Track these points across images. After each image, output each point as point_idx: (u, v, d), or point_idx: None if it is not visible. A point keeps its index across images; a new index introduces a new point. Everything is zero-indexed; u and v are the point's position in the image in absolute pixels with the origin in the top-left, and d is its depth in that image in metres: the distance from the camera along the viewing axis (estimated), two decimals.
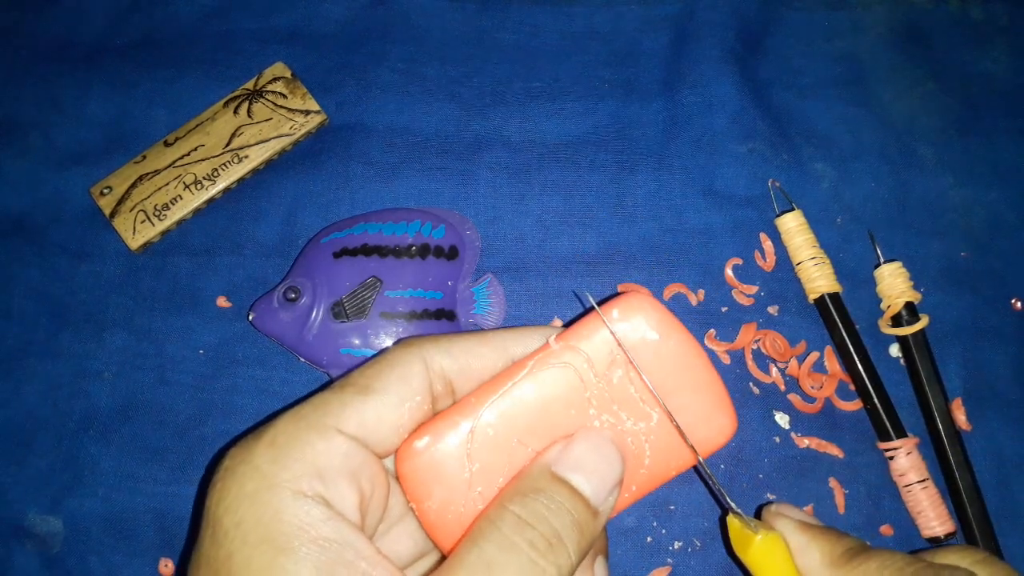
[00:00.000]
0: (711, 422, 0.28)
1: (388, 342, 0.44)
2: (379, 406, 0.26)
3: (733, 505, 0.31)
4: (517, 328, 0.30)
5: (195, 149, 0.49)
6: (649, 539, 0.44)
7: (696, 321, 0.47)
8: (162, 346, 0.48)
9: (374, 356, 0.29)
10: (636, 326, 0.27)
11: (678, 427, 0.27)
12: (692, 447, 0.27)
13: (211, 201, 0.49)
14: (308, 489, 0.24)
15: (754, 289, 0.48)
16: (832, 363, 0.47)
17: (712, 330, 0.47)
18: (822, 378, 0.47)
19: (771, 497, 0.45)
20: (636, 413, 0.27)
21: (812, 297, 0.47)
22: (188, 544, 0.45)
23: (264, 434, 0.26)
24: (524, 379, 0.28)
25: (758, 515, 0.36)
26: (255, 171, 0.50)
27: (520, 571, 0.24)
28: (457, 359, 0.28)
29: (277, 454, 0.25)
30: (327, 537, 0.23)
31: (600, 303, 0.28)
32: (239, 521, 0.24)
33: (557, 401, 0.27)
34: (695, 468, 0.30)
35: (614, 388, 0.27)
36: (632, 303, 0.28)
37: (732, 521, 0.32)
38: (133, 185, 0.49)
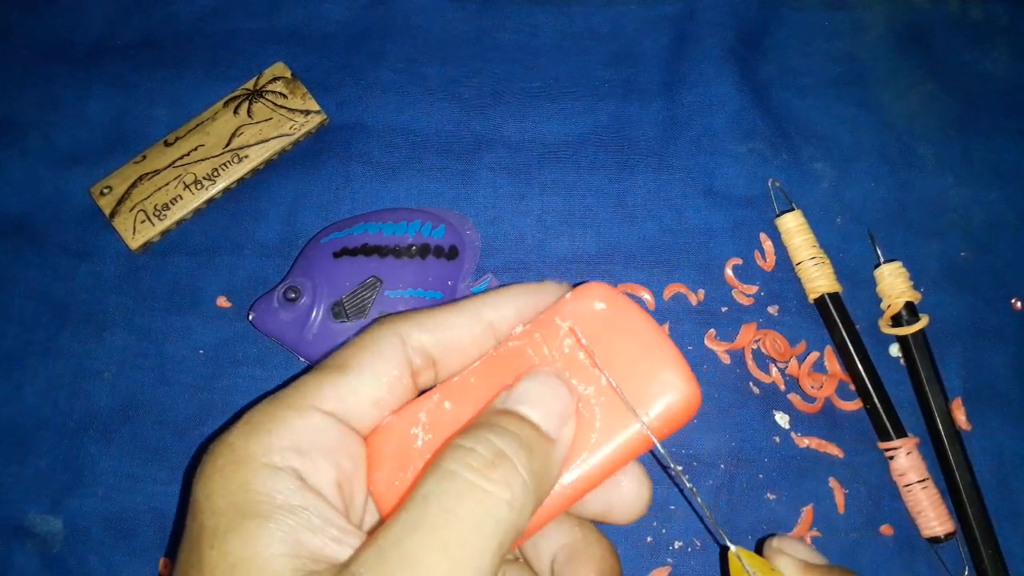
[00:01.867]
0: (667, 389, 0.26)
1: None
2: (355, 382, 0.26)
3: (732, 546, 0.30)
4: (490, 292, 0.29)
5: (195, 149, 0.49)
6: (649, 539, 0.44)
7: (696, 321, 0.47)
8: (162, 346, 0.48)
9: (350, 338, 0.29)
10: (585, 301, 0.28)
11: (611, 382, 0.26)
12: (631, 407, 0.26)
13: (211, 201, 0.49)
14: (280, 462, 0.24)
15: (754, 289, 0.48)
16: (832, 363, 0.47)
17: (712, 330, 0.47)
18: (822, 378, 0.47)
19: (771, 497, 0.45)
20: (585, 377, 0.27)
21: (812, 297, 0.47)
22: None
23: (242, 417, 0.26)
24: (482, 359, 0.28)
25: (759, 550, 0.34)
26: (255, 171, 0.50)
27: (459, 497, 0.22)
28: (432, 332, 0.28)
29: (251, 430, 0.25)
30: (295, 504, 0.23)
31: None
32: (209, 493, 0.24)
33: (510, 374, 0.28)
34: (674, 481, 0.28)
35: (564, 357, 0.27)
36: (586, 285, 0.29)
37: (732, 560, 0.30)
38: (133, 185, 0.49)
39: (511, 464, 0.23)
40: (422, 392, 0.29)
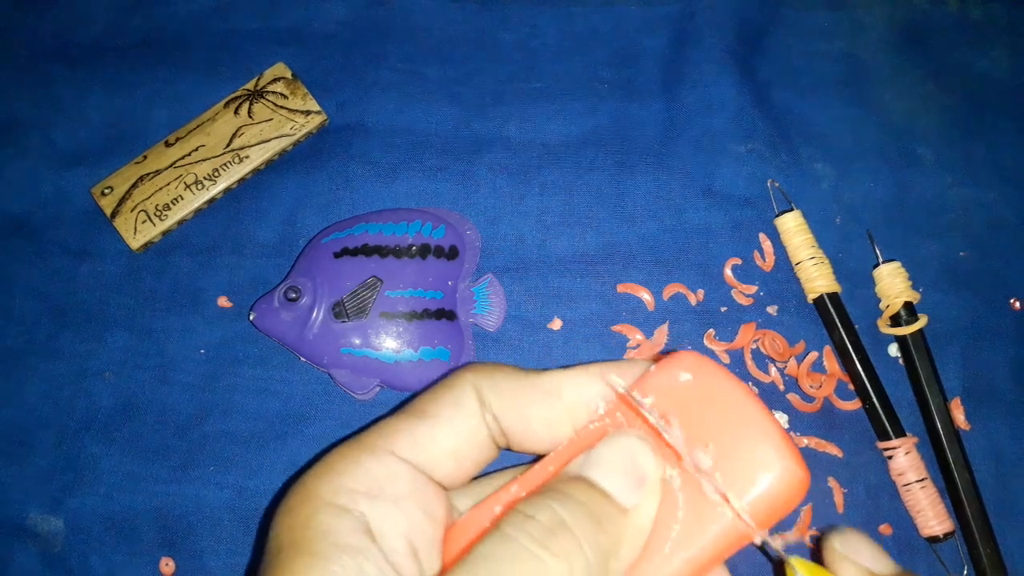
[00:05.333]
0: (764, 471, 0.22)
1: (388, 342, 0.45)
2: (432, 429, 0.26)
3: (787, 556, 0.25)
4: (573, 369, 0.27)
5: (196, 149, 0.49)
6: None
7: (695, 321, 0.47)
8: (163, 346, 0.48)
9: (433, 383, 0.28)
10: (670, 372, 0.25)
11: (695, 461, 0.23)
12: (723, 493, 0.22)
13: (212, 201, 0.49)
14: (347, 503, 0.24)
15: (753, 289, 0.48)
16: (831, 363, 0.47)
17: (711, 330, 0.47)
18: (821, 378, 0.47)
19: None
20: (667, 459, 0.24)
21: (811, 297, 0.47)
22: (190, 543, 0.45)
23: (322, 457, 0.26)
24: (561, 446, 0.26)
25: (817, 557, 0.30)
26: (256, 171, 0.50)
27: (513, 562, 0.21)
28: (501, 396, 0.26)
29: (324, 471, 0.25)
30: (352, 545, 0.23)
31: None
32: (277, 533, 0.24)
33: None
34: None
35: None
36: (673, 355, 0.26)
37: (790, 572, 0.26)
38: (134, 185, 0.49)
39: (572, 537, 0.22)
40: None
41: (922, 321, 0.46)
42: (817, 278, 0.46)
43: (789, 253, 0.48)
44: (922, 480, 0.44)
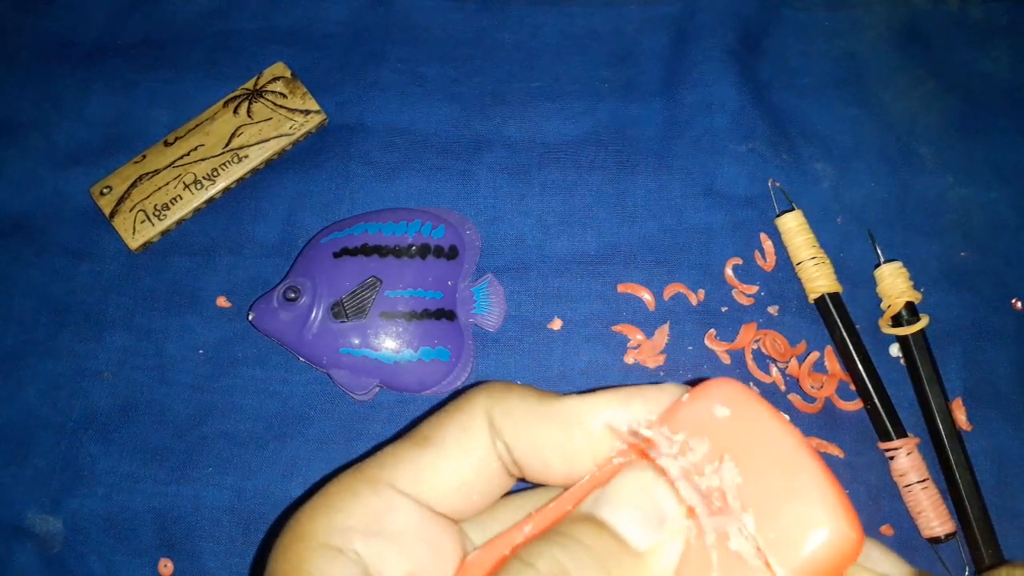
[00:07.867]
0: (810, 531, 0.20)
1: (388, 342, 0.45)
2: (435, 459, 0.23)
3: None
4: (599, 394, 0.24)
5: (195, 149, 0.49)
6: None
7: (696, 321, 0.47)
8: (162, 346, 0.48)
9: (445, 402, 0.26)
10: (704, 404, 0.22)
11: (728, 507, 0.19)
12: (764, 557, 0.19)
13: (211, 201, 0.49)
14: (341, 543, 0.22)
15: (754, 289, 0.48)
16: (832, 363, 0.47)
17: (712, 330, 0.47)
18: (822, 378, 0.47)
19: None
20: (702, 508, 0.21)
21: (812, 297, 0.47)
22: (189, 544, 0.45)
23: (322, 488, 0.24)
24: (582, 482, 0.23)
25: None
26: (255, 171, 0.50)
27: None
28: (514, 424, 0.24)
29: (320, 507, 0.23)
30: None
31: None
32: (270, 573, 0.23)
33: None
34: None
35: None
36: (708, 384, 0.23)
37: None
38: (133, 185, 0.49)
39: None
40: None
41: (923, 321, 0.46)
42: (818, 278, 0.46)
43: (790, 253, 0.48)
44: (923, 481, 0.44)
